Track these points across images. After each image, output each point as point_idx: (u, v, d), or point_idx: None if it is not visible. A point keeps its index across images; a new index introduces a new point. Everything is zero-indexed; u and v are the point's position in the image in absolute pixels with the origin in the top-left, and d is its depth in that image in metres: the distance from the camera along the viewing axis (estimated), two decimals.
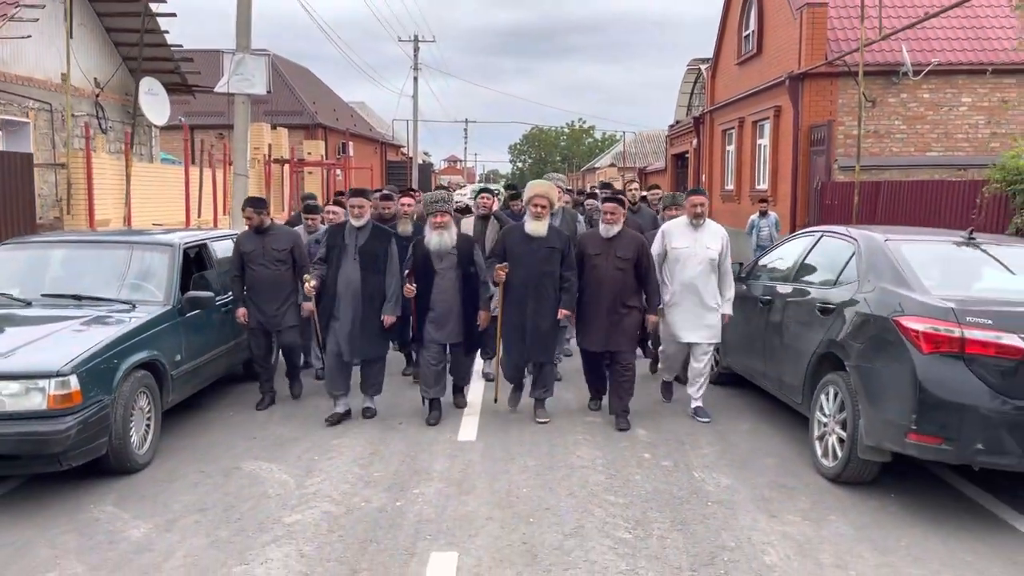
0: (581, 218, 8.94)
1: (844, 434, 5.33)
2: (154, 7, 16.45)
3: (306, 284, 6.73)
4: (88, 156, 12.62)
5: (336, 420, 6.73)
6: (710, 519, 4.84)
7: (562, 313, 6.70)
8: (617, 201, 6.88)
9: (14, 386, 4.92)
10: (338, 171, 27.48)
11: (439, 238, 6.68)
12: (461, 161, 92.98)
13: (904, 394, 4.77)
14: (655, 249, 6.97)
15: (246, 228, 7.54)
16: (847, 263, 5.90)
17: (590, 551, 4.40)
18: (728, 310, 6.91)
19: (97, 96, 16.17)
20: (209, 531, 4.66)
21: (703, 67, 26.90)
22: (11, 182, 10.83)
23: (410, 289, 6.68)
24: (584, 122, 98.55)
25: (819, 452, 5.65)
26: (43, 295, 6.34)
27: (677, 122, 31.35)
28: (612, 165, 53.46)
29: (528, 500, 5.10)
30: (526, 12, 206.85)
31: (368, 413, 6.92)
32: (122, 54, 17.49)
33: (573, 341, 7.69)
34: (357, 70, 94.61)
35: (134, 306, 6.18)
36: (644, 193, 10.71)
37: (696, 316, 6.82)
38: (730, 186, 23.15)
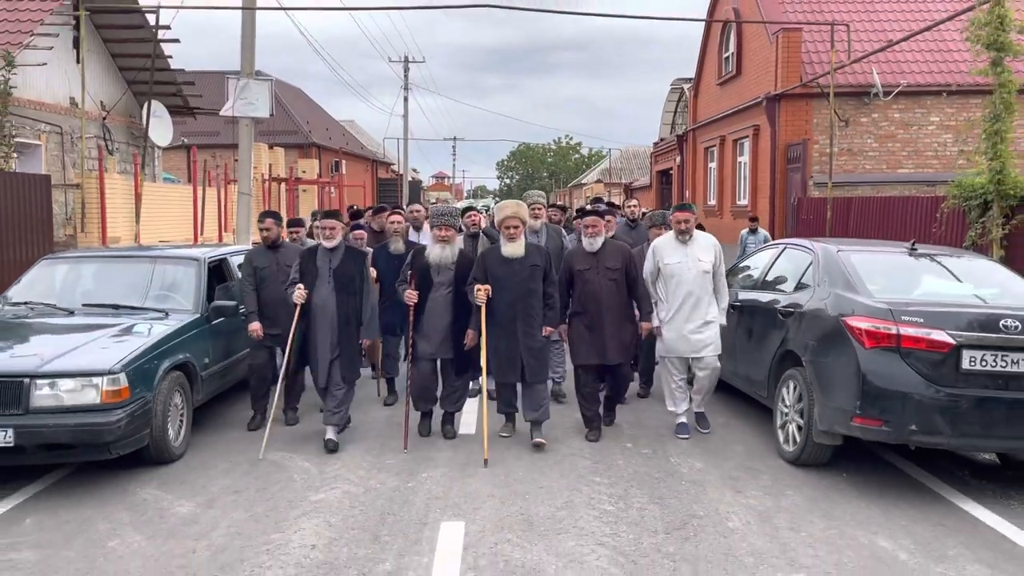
0: (566, 234, 8.65)
1: (802, 422, 6.05)
2: (159, 33, 17.16)
3: (296, 292, 6.62)
4: (101, 177, 13.29)
5: (332, 446, 6.53)
6: (683, 495, 5.54)
7: (546, 331, 6.66)
8: (596, 214, 6.92)
9: (71, 383, 5.58)
10: (331, 188, 28.17)
11: (441, 251, 6.70)
12: (449, 178, 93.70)
13: (850, 383, 5.51)
14: (647, 267, 7.00)
15: (257, 243, 8.09)
16: (805, 271, 6.64)
17: (578, 520, 5.09)
18: (722, 319, 6.89)
19: (104, 119, 16.85)
20: (246, 507, 5.33)
21: (686, 87, 27.78)
22: (30, 202, 11.45)
23: (412, 295, 6.66)
24: (571, 138, 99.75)
25: (781, 439, 6.37)
26: (84, 305, 7.00)
27: (661, 139, 32.21)
28: (599, 181, 54.24)
29: (524, 481, 5.79)
30: (512, 30, 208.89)
31: (331, 445, 6.49)
32: (127, 78, 18.16)
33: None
34: (345, 87, 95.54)
35: (167, 314, 6.84)
36: (645, 211, 11.07)
37: (693, 331, 6.74)
38: (712, 202, 23.98)
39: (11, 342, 6.16)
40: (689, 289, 6.76)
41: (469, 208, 8.56)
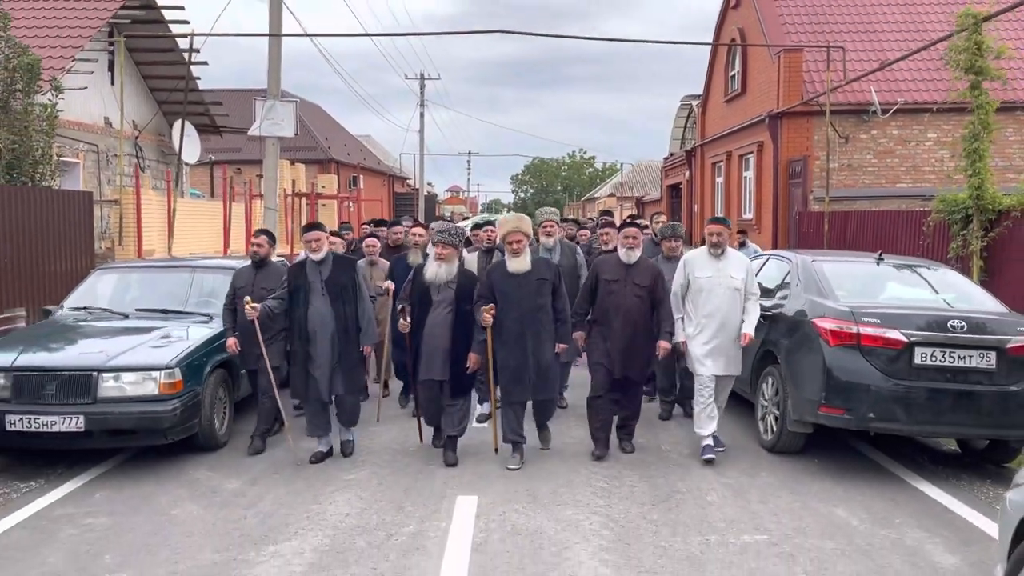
0: (580, 251, 8.65)
1: (778, 413, 6.77)
2: (187, 55, 18.10)
3: (247, 305, 6.53)
4: (138, 193, 14.17)
5: (320, 458, 6.64)
6: (670, 475, 6.28)
7: (560, 348, 6.65)
8: (637, 226, 6.88)
9: (133, 376, 6.39)
10: (350, 203, 29.07)
11: (436, 269, 6.56)
12: (464, 191, 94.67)
13: (817, 377, 6.24)
14: (677, 279, 6.88)
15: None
16: (784, 279, 7.37)
17: (576, 494, 5.84)
18: (750, 331, 6.61)
19: (136, 138, 17.79)
20: (286, 484, 6.11)
21: (694, 103, 28.55)
22: (74, 217, 12.31)
23: (404, 324, 6.60)
24: (585, 152, 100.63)
25: (761, 429, 7.10)
26: (136, 309, 7.81)
27: (671, 154, 32.97)
28: (612, 195, 54.97)
29: (530, 464, 6.52)
30: (526, 44, 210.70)
31: (348, 448, 6.82)
32: (157, 99, 19.14)
33: (573, 372, 8.30)
34: (360, 101, 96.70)
35: (211, 318, 7.63)
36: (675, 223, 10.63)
37: (720, 347, 6.64)
38: (720, 214, 24.70)
39: (78, 341, 6.99)
40: (718, 305, 6.62)
41: (487, 223, 8.42)
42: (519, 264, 6.51)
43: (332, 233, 8.97)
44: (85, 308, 7.81)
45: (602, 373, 6.67)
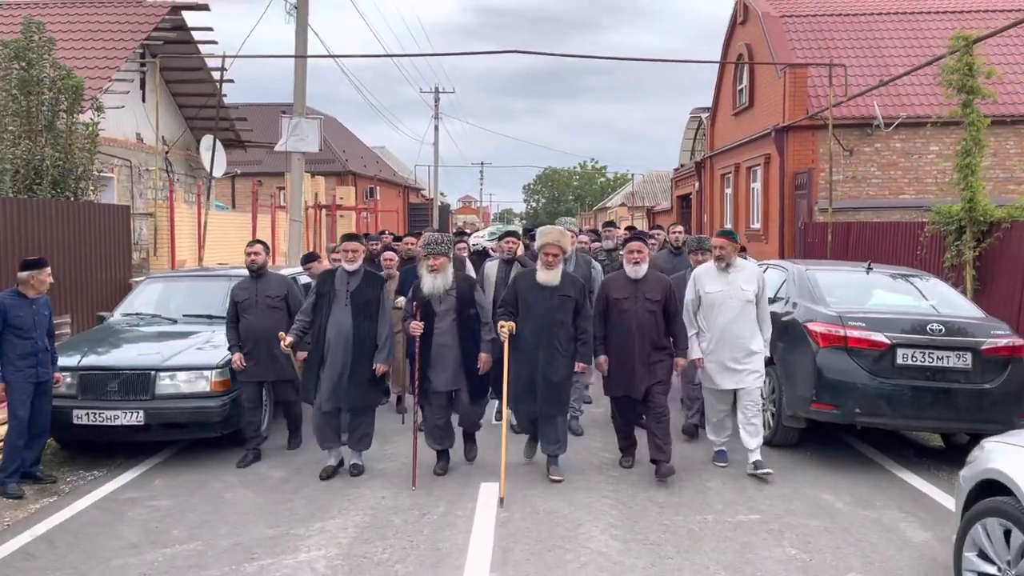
0: (597, 265, 8.47)
1: (775, 410, 7.37)
2: (216, 75, 18.89)
3: (282, 342, 6.61)
4: (171, 206, 14.91)
5: (330, 473, 6.62)
6: (676, 465, 6.84)
7: (579, 367, 6.58)
8: (641, 239, 6.79)
9: (187, 375, 7.05)
10: (367, 214, 29.84)
11: (432, 281, 6.51)
12: (476, 201, 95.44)
13: (808, 376, 6.84)
14: (688, 295, 6.84)
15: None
16: (781, 286, 7.97)
17: (589, 481, 6.46)
18: (766, 351, 6.70)
19: (167, 153, 18.55)
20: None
21: (703, 116, 29.19)
22: (113, 230, 13.02)
23: (416, 326, 6.48)
24: (596, 162, 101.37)
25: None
26: (183, 315, 8.48)
27: (681, 165, 33.61)
28: (623, 205, 55.56)
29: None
30: (538, 55, 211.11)
31: (355, 470, 6.70)
32: (185, 115, 19.94)
33: (591, 389, 8.24)
34: (374, 112, 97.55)
35: None
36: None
37: (736, 362, 6.58)
38: (729, 225, 25.25)
39: (135, 344, 7.67)
40: (731, 319, 6.58)
41: (508, 233, 8.43)
42: (549, 277, 6.46)
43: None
44: (137, 314, 8.49)
45: (621, 397, 6.64)
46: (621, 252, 9.06)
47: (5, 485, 6.32)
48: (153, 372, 6.99)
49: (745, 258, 15.22)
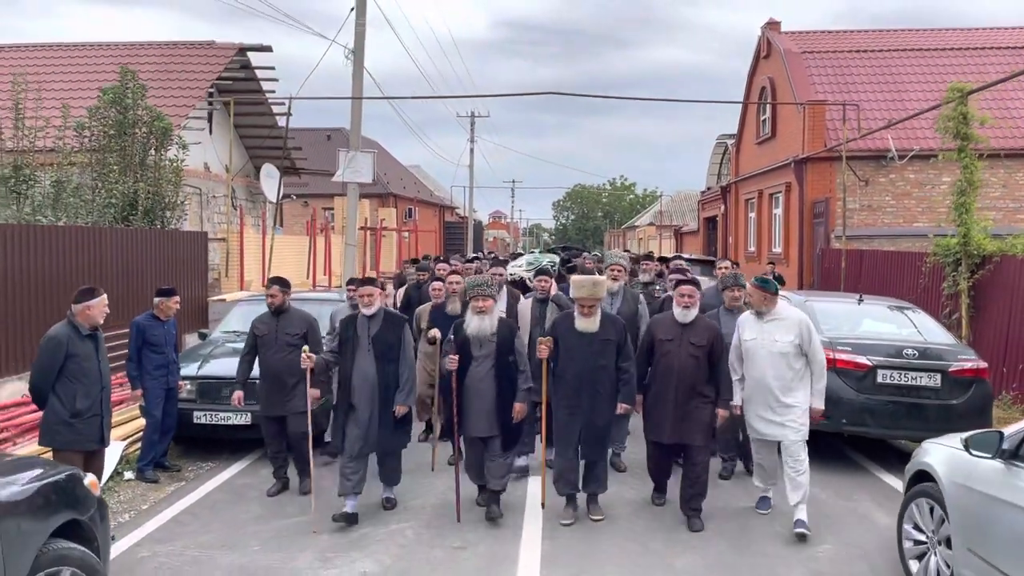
0: (644, 300, 8.40)
1: None
2: (275, 107, 20.57)
3: (304, 354, 6.65)
4: (242, 232, 16.50)
5: (343, 519, 6.51)
6: None
7: (622, 408, 6.55)
8: (693, 283, 6.75)
9: None
10: (406, 234, 31.40)
11: (479, 323, 6.46)
12: (505, 216, 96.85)
13: None
14: (733, 340, 6.70)
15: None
16: None
17: (616, 480, 7.78)
18: (818, 404, 6.45)
19: (231, 181, 20.21)
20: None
21: (729, 142, 30.49)
22: (193, 254, 14.61)
23: (453, 359, 6.45)
24: (625, 179, 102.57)
25: None
26: None
27: (708, 188, 34.92)
28: (651, 224, 56.65)
29: None
30: (568, 70, 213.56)
31: (388, 504, 6.89)
32: (245, 144, 21.62)
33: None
34: (407, 128, 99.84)
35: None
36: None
37: (772, 412, 6.43)
38: (752, 248, 26.50)
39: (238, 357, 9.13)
40: (762, 370, 6.42)
41: (541, 272, 8.12)
42: (587, 324, 6.45)
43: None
44: (234, 331, 9.97)
45: (657, 443, 6.67)
46: (657, 286, 9.68)
47: (144, 472, 7.81)
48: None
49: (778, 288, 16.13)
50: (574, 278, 6.77)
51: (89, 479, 4.59)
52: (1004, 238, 12.87)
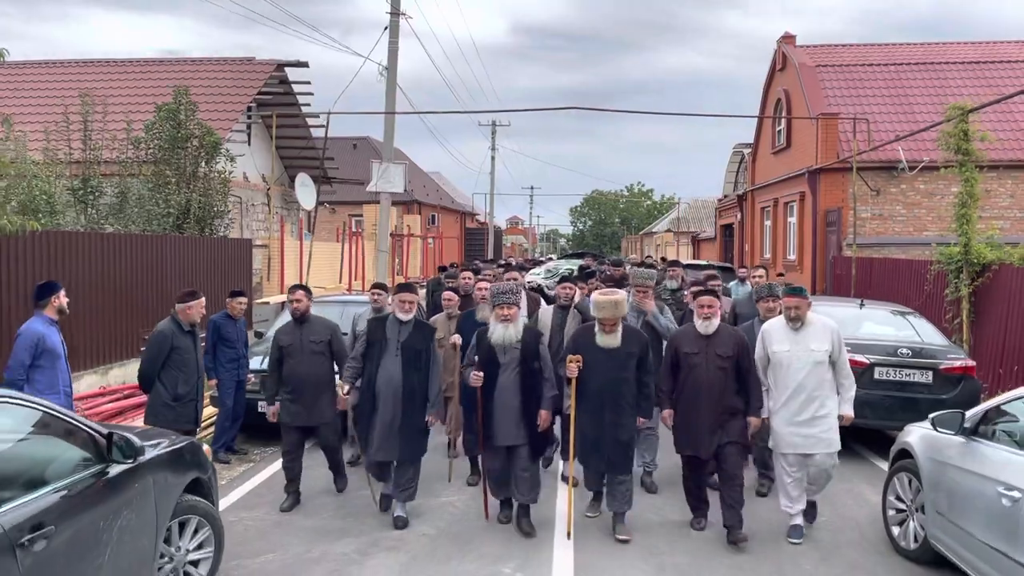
0: (668, 311, 8.08)
1: None
2: (309, 120, 21.61)
3: (340, 391, 6.85)
4: (282, 238, 17.52)
5: (387, 506, 6.92)
6: None
7: (640, 422, 6.53)
8: (711, 293, 6.59)
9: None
10: (431, 240, 32.40)
11: (504, 331, 6.45)
12: (523, 222, 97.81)
13: None
14: (756, 353, 6.54)
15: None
16: None
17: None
18: (848, 411, 6.43)
19: (268, 190, 21.27)
20: (423, 481, 9.04)
21: (745, 151, 31.31)
22: (240, 259, 15.63)
23: (477, 376, 6.42)
24: (642, 185, 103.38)
25: None
26: None
27: (725, 196, 35.72)
28: (669, 231, 57.40)
29: None
30: (586, 75, 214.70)
31: (400, 523, 6.66)
32: (281, 155, 22.67)
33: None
34: (427, 134, 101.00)
35: None
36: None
37: (806, 425, 6.32)
38: (768, 255, 27.30)
39: None
40: (799, 380, 6.30)
41: (565, 279, 8.24)
42: (609, 340, 6.42)
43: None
44: None
45: (692, 457, 6.55)
46: (683, 292, 9.74)
47: (217, 454, 8.77)
48: None
49: (745, 281, 15.32)
50: (595, 298, 6.57)
51: (204, 447, 5.55)
52: (1010, 247, 13.64)
